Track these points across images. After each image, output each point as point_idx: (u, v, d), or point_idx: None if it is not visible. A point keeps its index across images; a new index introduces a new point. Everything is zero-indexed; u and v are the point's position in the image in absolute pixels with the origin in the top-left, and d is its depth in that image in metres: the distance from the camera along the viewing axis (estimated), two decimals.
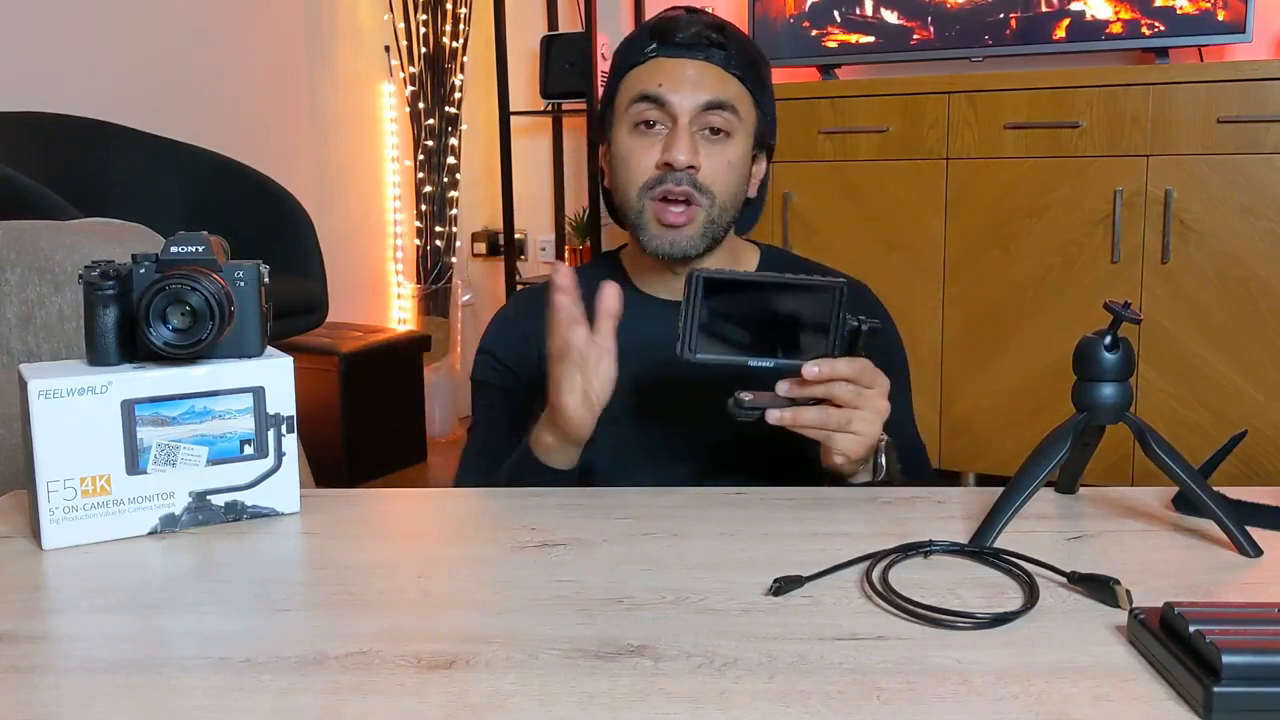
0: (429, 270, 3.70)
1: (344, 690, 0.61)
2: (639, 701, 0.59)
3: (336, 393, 2.95)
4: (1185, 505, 0.88)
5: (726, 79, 1.12)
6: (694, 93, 1.10)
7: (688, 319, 0.88)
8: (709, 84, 1.11)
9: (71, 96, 2.55)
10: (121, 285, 0.87)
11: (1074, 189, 2.51)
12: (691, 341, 0.88)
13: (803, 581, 0.74)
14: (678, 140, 1.09)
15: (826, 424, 0.92)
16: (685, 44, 1.11)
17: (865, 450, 0.95)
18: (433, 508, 1.04)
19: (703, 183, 1.10)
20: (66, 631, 0.71)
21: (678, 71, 1.11)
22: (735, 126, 1.12)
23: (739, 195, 1.14)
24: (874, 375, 0.93)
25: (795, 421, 0.92)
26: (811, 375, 0.89)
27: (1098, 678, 0.61)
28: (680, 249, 1.11)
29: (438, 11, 3.55)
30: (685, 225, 1.10)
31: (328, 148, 3.53)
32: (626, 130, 1.13)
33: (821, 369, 0.89)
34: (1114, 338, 0.83)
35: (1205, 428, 2.43)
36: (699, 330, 0.88)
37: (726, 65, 1.12)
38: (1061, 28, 2.69)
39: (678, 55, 1.12)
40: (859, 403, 0.92)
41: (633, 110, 1.12)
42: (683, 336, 0.88)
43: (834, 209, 2.71)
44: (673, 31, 1.12)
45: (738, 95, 1.12)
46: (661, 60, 1.12)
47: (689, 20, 1.13)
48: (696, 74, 1.11)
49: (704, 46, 1.11)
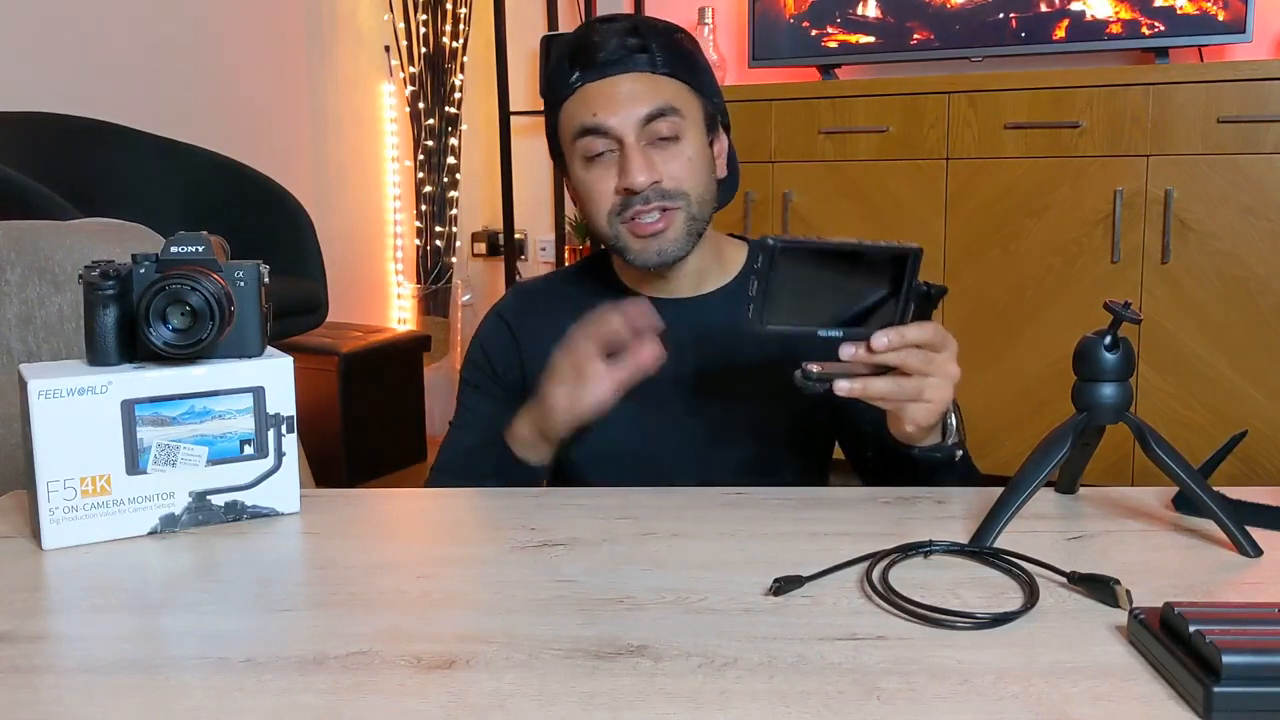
0: (429, 270, 3.69)
1: (344, 690, 0.61)
2: (639, 701, 0.59)
3: (336, 393, 2.95)
4: (1185, 505, 0.88)
5: (658, 82, 1.08)
6: (630, 110, 1.07)
7: (759, 289, 0.84)
8: (642, 96, 1.07)
9: (71, 96, 2.55)
10: (121, 285, 0.87)
11: (1074, 189, 2.51)
12: (763, 311, 0.84)
13: (803, 581, 0.74)
14: (630, 162, 1.06)
15: (899, 394, 0.89)
16: (606, 62, 1.08)
17: (937, 417, 0.93)
18: (433, 508, 1.04)
19: (670, 189, 1.08)
20: (66, 631, 0.71)
21: (607, 94, 1.08)
22: (682, 126, 1.09)
23: (711, 183, 1.12)
24: (944, 338, 0.90)
25: (865, 392, 0.88)
26: (880, 346, 0.85)
27: (1098, 678, 0.61)
28: (668, 255, 1.10)
29: (438, 11, 3.54)
30: (666, 230, 1.08)
31: (328, 148, 3.53)
32: (579, 164, 1.11)
33: (891, 339, 0.86)
34: (1114, 338, 0.83)
35: (1205, 428, 2.43)
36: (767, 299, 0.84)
37: (653, 68, 1.08)
38: (1061, 28, 2.69)
39: (602, 76, 1.08)
40: (930, 369, 0.89)
41: (578, 145, 1.10)
42: (754, 306, 0.84)
43: (834, 209, 2.71)
44: (590, 53, 1.09)
45: (674, 94, 1.09)
46: (588, 87, 1.08)
47: (603, 35, 1.09)
48: (627, 90, 1.07)
49: (625, 58, 1.08)
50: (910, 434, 0.95)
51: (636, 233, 1.09)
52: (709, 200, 1.12)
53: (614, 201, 1.09)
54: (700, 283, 1.18)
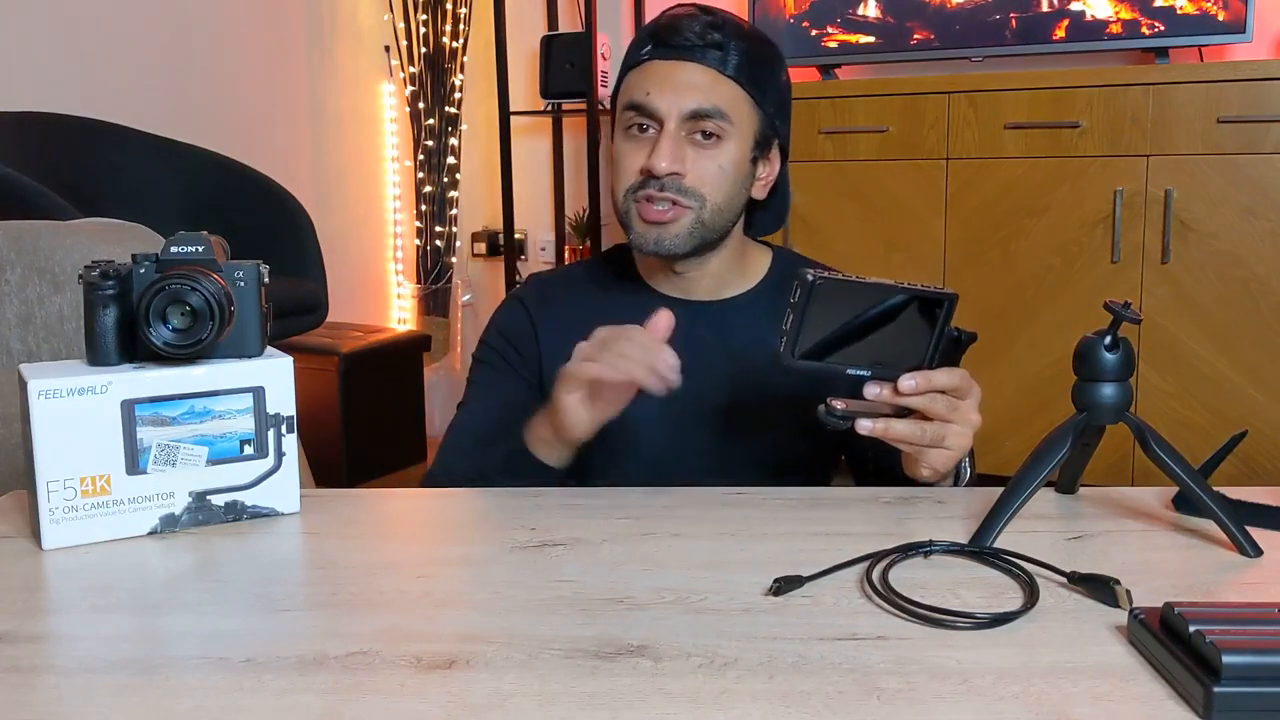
0: (429, 270, 3.70)
1: (344, 690, 0.61)
2: (639, 701, 0.59)
3: (336, 393, 2.95)
4: (1185, 505, 0.88)
5: (720, 82, 1.09)
6: (679, 99, 1.08)
7: (793, 322, 0.84)
8: (698, 90, 1.08)
9: (71, 96, 2.55)
10: (121, 285, 0.87)
11: (1074, 189, 2.51)
12: (794, 345, 0.85)
13: (803, 581, 0.74)
14: (660, 147, 1.07)
15: (920, 439, 0.90)
16: (679, 46, 1.09)
17: (954, 463, 0.93)
18: (433, 508, 1.04)
19: (689, 187, 1.08)
20: (66, 631, 0.71)
21: (667, 76, 1.09)
22: (728, 131, 1.09)
23: (736, 198, 1.12)
24: (969, 385, 0.91)
25: (887, 434, 0.89)
26: (907, 389, 0.86)
27: (1098, 678, 0.61)
28: (665, 247, 1.10)
29: (438, 11, 3.54)
30: (670, 223, 1.09)
31: (328, 148, 3.53)
32: (621, 133, 1.13)
33: (918, 383, 0.86)
34: (1114, 338, 0.83)
35: (1205, 428, 2.43)
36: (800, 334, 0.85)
37: (722, 67, 1.09)
38: (1061, 28, 2.69)
39: (670, 58, 1.09)
40: (953, 416, 0.89)
41: (625, 116, 1.11)
42: (786, 340, 0.85)
43: (834, 209, 2.71)
44: (669, 33, 1.10)
45: (730, 99, 1.09)
46: (655, 64, 1.10)
47: (688, 21, 1.10)
48: (686, 79, 1.08)
49: (698, 49, 1.09)
50: (925, 477, 0.96)
51: (643, 215, 1.09)
52: (727, 212, 1.11)
53: (636, 179, 1.10)
54: (720, 287, 1.18)
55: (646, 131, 1.10)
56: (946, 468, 0.94)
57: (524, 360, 1.19)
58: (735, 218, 1.14)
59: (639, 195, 1.09)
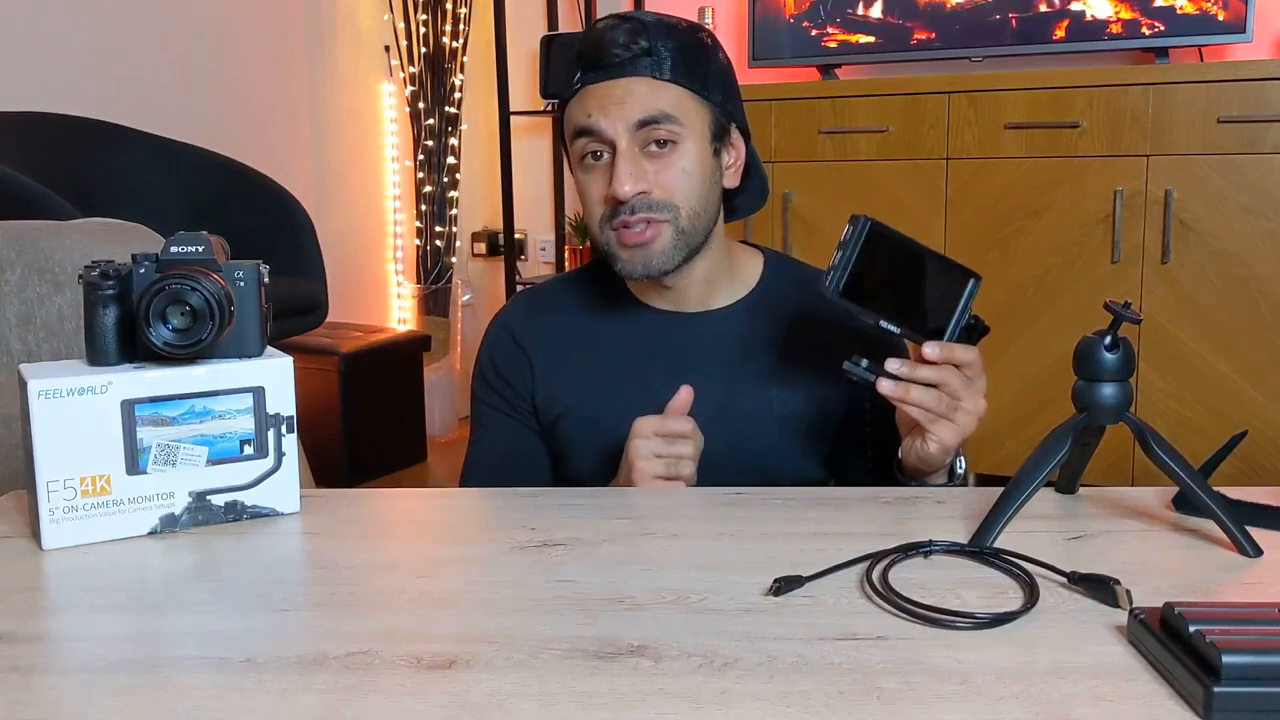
0: (429, 270, 3.70)
1: (344, 690, 0.61)
2: (639, 701, 0.59)
3: (336, 393, 2.95)
4: (1185, 505, 0.88)
5: (658, 88, 1.06)
6: (622, 114, 1.05)
7: (843, 258, 0.88)
8: (638, 101, 1.05)
9: (71, 96, 2.55)
10: (121, 285, 0.87)
11: (1074, 189, 2.51)
12: (841, 280, 0.88)
13: (803, 581, 0.74)
14: (619, 171, 1.05)
15: (935, 406, 0.92)
16: (608, 64, 1.06)
17: (959, 442, 0.95)
18: (433, 508, 1.04)
19: (659, 200, 1.06)
20: (66, 631, 0.71)
21: (605, 96, 1.06)
22: (680, 134, 1.06)
23: (709, 197, 1.09)
24: (980, 371, 0.94)
25: (905, 397, 0.91)
26: (930, 354, 0.90)
27: (1098, 678, 0.61)
28: (654, 267, 1.08)
29: (438, 11, 3.55)
30: (652, 241, 1.06)
31: (328, 148, 3.53)
32: (577, 166, 1.10)
33: (940, 350, 0.90)
34: (1114, 338, 0.83)
35: (1205, 428, 2.43)
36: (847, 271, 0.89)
37: (657, 72, 1.06)
38: (1061, 28, 2.69)
39: (602, 79, 1.06)
40: (965, 394, 0.92)
41: (575, 146, 1.09)
42: (834, 273, 0.89)
43: (834, 209, 2.70)
44: (594, 54, 1.07)
45: (674, 101, 1.06)
46: (589, 89, 1.07)
47: (610, 35, 1.07)
48: (623, 93, 1.05)
49: (627, 61, 1.06)
50: (927, 457, 0.96)
51: (623, 241, 1.07)
52: (703, 213, 1.09)
53: (605, 208, 1.07)
54: (709, 295, 1.15)
55: (601, 158, 1.07)
56: (953, 443, 0.94)
57: (518, 396, 1.19)
58: (715, 217, 1.12)
59: (613, 224, 1.07)
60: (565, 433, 1.16)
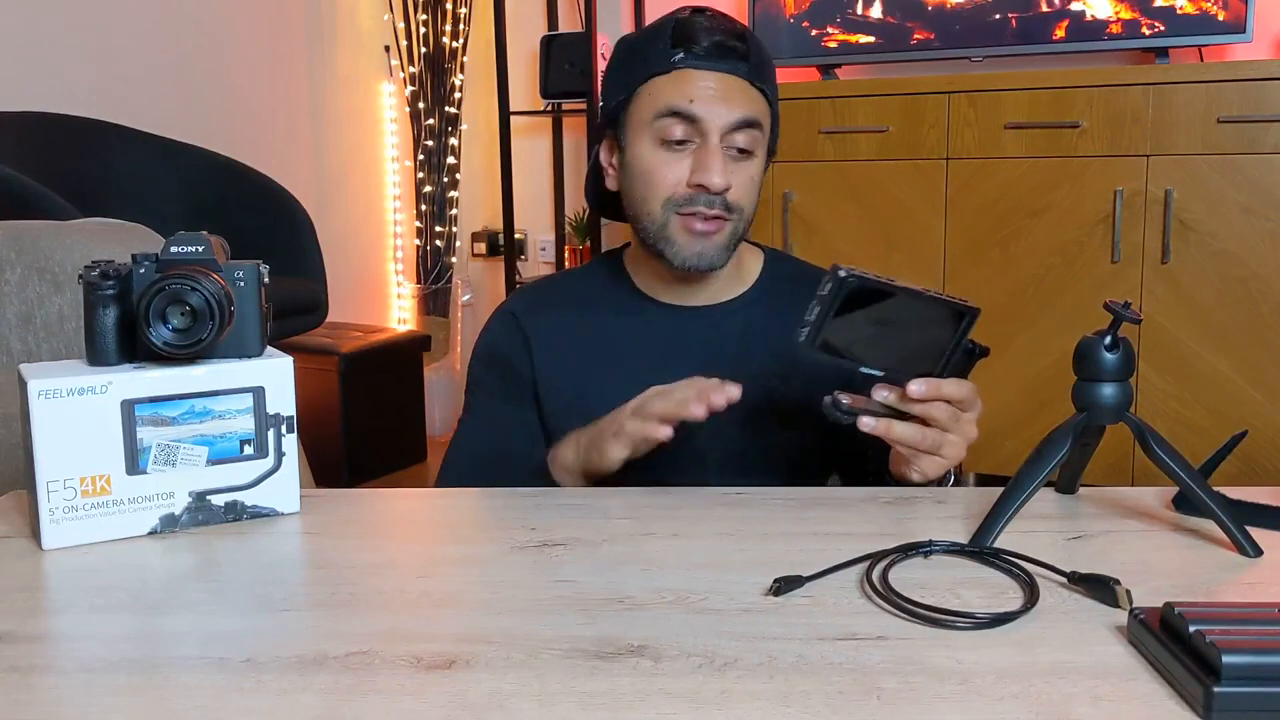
0: (429, 270, 3.70)
1: (344, 690, 0.61)
2: (639, 701, 0.59)
3: (336, 393, 2.95)
4: (1185, 505, 0.88)
5: (752, 93, 1.08)
6: (726, 110, 1.06)
7: (818, 314, 0.85)
8: (739, 101, 1.06)
9: (71, 96, 2.55)
10: (121, 285, 0.87)
11: (1074, 189, 2.51)
12: (815, 337, 0.85)
13: (803, 581, 0.74)
14: (712, 162, 1.05)
15: (919, 443, 0.90)
16: (714, 54, 1.06)
17: (944, 471, 0.95)
18: (433, 508, 1.04)
19: (732, 201, 1.08)
20: (66, 631, 0.71)
21: (707, 86, 1.06)
22: (758, 143, 1.09)
23: (756, 206, 1.13)
24: (974, 399, 0.91)
25: (888, 434, 0.89)
26: (915, 394, 0.87)
27: (1098, 678, 0.61)
28: (708, 260, 1.09)
29: (438, 11, 3.55)
30: (714, 235, 1.08)
31: (328, 148, 3.53)
32: (650, 142, 1.08)
33: (927, 389, 0.87)
34: (1114, 338, 0.83)
35: (1205, 428, 2.43)
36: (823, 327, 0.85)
37: (751, 78, 1.07)
38: (1061, 28, 2.69)
39: (703, 67, 1.06)
40: (953, 426, 0.90)
41: (659, 124, 1.07)
42: (808, 330, 0.85)
43: (834, 209, 2.71)
44: (697, 39, 1.06)
45: (762, 111, 1.09)
46: (689, 72, 1.06)
47: (711, 26, 1.07)
48: (726, 89, 1.06)
49: (730, 57, 1.06)
50: (913, 479, 0.96)
51: (689, 228, 1.08)
52: (751, 221, 1.13)
53: (680, 193, 1.07)
54: (717, 291, 1.17)
55: (682, 144, 1.07)
56: (936, 474, 0.94)
57: (519, 381, 1.19)
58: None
59: (684, 209, 1.07)
60: (563, 424, 1.16)
